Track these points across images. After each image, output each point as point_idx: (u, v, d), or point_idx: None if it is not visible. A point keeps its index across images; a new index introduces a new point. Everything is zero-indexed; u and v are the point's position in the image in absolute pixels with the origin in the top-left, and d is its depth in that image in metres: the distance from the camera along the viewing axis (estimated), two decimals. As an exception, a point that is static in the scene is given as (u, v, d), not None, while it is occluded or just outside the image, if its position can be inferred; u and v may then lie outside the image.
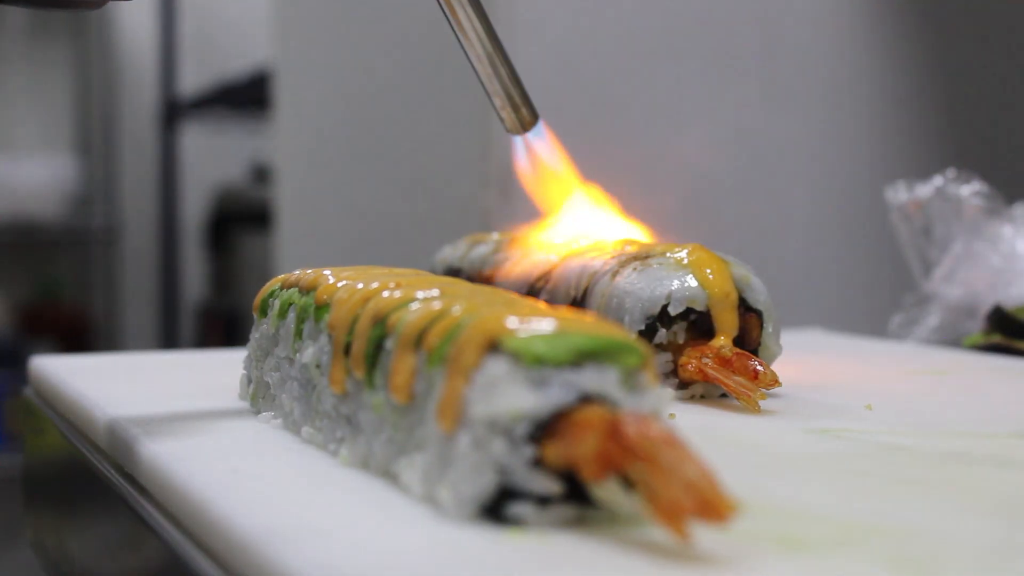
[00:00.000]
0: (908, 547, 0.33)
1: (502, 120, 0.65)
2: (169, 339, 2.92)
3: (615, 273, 0.59)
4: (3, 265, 3.20)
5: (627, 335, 0.36)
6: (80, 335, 3.17)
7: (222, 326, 2.98)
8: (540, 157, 0.68)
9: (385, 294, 0.42)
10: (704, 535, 0.32)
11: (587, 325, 0.36)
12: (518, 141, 0.68)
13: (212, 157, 3.13)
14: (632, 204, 1.29)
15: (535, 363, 0.35)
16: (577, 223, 0.69)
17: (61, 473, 0.62)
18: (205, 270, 3.21)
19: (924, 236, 0.92)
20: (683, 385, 0.57)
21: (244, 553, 0.35)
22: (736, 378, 0.54)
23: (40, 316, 3.18)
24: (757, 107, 1.35)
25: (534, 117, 0.66)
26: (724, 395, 0.57)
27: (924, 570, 0.31)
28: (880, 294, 1.30)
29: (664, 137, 1.31)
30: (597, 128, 1.28)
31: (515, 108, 0.65)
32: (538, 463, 0.34)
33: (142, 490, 0.46)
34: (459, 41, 0.64)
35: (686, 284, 0.57)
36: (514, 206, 1.20)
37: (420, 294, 0.41)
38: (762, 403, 0.54)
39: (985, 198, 0.90)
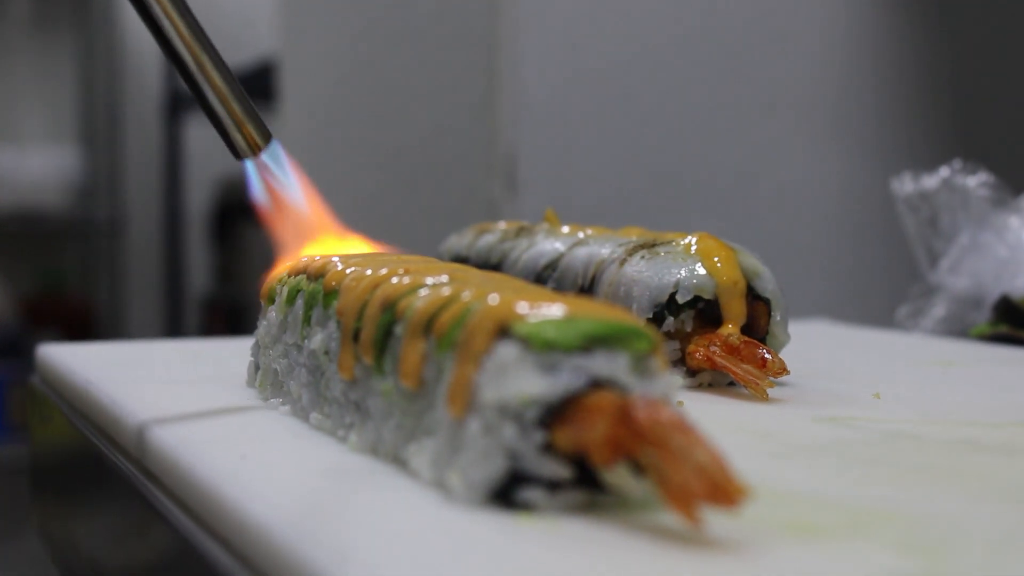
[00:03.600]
0: (917, 533, 0.33)
1: (233, 144, 0.53)
2: (173, 330, 2.93)
3: (622, 261, 0.59)
4: (8, 256, 3.20)
5: (637, 320, 0.36)
6: (84, 326, 3.18)
7: (226, 317, 2.99)
8: (278, 186, 0.56)
9: (394, 280, 0.42)
10: (714, 520, 0.32)
11: (597, 310, 0.36)
12: (251, 168, 0.56)
13: (216, 148, 3.12)
14: (638, 196, 1.29)
15: (545, 348, 0.35)
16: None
17: (68, 461, 0.62)
18: (209, 261, 3.21)
19: (930, 227, 0.92)
20: (691, 373, 0.57)
21: (254, 539, 0.35)
22: (744, 366, 0.54)
23: (44, 307, 3.19)
24: (764, 98, 1.35)
25: (266, 137, 0.54)
26: (732, 383, 0.57)
27: (933, 556, 0.31)
28: (886, 285, 1.30)
29: (670, 129, 1.31)
30: (603, 122, 1.28)
31: (240, 126, 0.54)
32: (548, 448, 0.34)
33: (151, 477, 0.46)
34: (160, 46, 0.53)
35: (694, 272, 0.57)
36: (521, 196, 1.20)
37: (429, 280, 0.41)
38: (770, 391, 0.54)
39: (991, 189, 0.90)
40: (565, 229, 0.67)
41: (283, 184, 0.57)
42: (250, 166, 0.56)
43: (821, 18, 1.38)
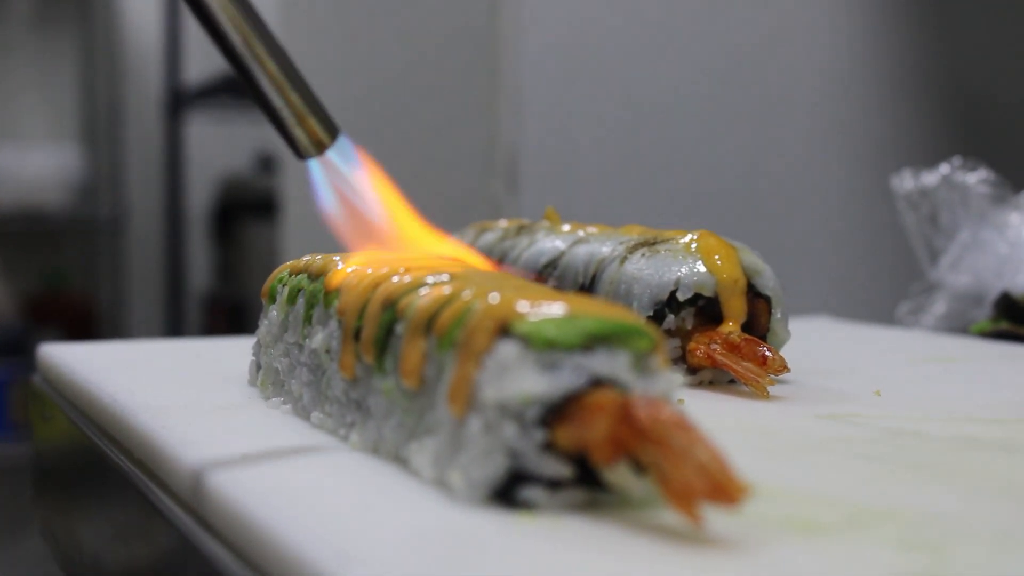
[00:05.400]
0: (917, 530, 0.33)
1: (294, 142, 0.48)
2: (175, 328, 2.92)
3: (623, 259, 0.59)
4: (9, 254, 3.20)
5: (638, 319, 0.36)
6: (86, 324, 3.18)
7: (227, 315, 2.99)
8: (348, 189, 0.50)
9: (395, 279, 0.42)
10: (715, 518, 0.32)
11: (597, 309, 0.36)
12: (315, 166, 0.49)
13: (218, 146, 3.13)
14: (638, 194, 1.29)
15: (546, 347, 0.35)
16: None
17: (70, 460, 0.62)
18: (211, 260, 3.21)
19: (931, 224, 0.92)
20: (691, 371, 0.57)
21: (255, 538, 0.35)
22: (745, 364, 0.54)
23: (45, 306, 3.19)
24: (764, 95, 1.35)
25: (332, 131, 0.49)
26: (732, 381, 0.57)
27: (933, 552, 0.31)
28: (887, 282, 1.30)
29: (671, 127, 1.31)
30: (604, 120, 1.28)
31: (300, 120, 0.48)
32: (549, 447, 0.34)
33: (152, 476, 0.46)
34: (217, 44, 0.47)
35: (695, 270, 0.57)
36: (521, 194, 1.20)
37: (430, 279, 0.41)
38: (771, 389, 0.54)
39: (992, 186, 0.90)
40: (566, 227, 0.67)
41: (354, 186, 0.50)
42: (314, 166, 0.49)
43: (821, 16, 1.37)
